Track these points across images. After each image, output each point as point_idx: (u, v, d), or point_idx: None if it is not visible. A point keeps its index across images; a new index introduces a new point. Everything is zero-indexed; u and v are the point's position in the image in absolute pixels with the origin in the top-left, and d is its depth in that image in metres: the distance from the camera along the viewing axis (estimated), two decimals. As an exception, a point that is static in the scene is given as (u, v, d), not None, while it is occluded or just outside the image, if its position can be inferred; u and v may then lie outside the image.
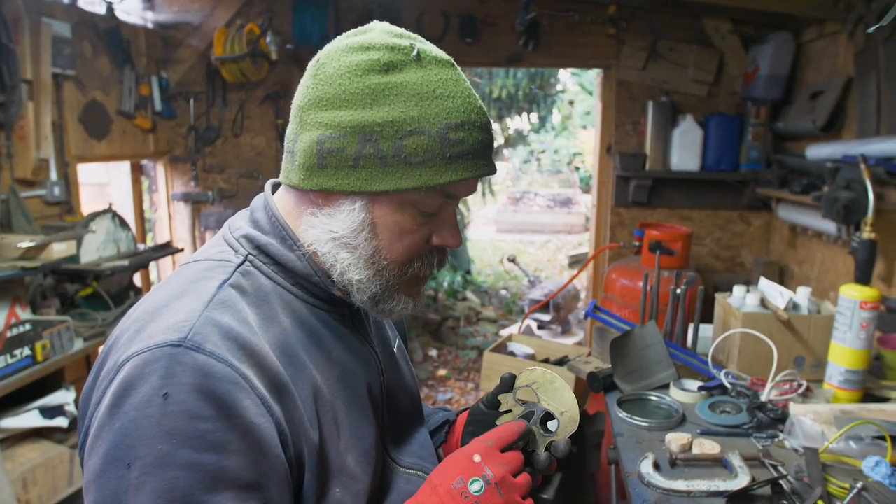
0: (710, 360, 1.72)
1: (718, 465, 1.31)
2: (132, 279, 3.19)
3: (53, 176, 2.88)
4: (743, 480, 1.22)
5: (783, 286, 1.81)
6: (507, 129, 9.07)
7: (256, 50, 3.49)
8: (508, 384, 0.92)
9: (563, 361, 2.57)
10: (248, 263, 0.78)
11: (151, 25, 3.68)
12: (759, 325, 1.69)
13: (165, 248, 3.41)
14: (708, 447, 1.35)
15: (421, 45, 0.75)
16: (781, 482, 1.20)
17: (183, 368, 0.64)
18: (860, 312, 1.50)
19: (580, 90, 11.67)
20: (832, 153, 2.63)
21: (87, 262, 2.76)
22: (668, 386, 1.69)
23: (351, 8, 3.67)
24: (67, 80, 2.94)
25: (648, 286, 2.01)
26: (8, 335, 2.13)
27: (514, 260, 6.58)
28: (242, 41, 3.47)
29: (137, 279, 3.54)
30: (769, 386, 1.56)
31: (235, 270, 0.76)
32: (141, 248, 3.32)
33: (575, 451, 0.86)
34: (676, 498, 1.21)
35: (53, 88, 2.82)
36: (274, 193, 0.85)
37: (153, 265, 3.88)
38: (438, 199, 0.77)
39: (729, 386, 1.64)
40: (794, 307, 1.75)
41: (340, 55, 0.75)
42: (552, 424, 0.89)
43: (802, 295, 1.76)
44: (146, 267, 3.42)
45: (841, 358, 1.54)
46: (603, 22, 3.62)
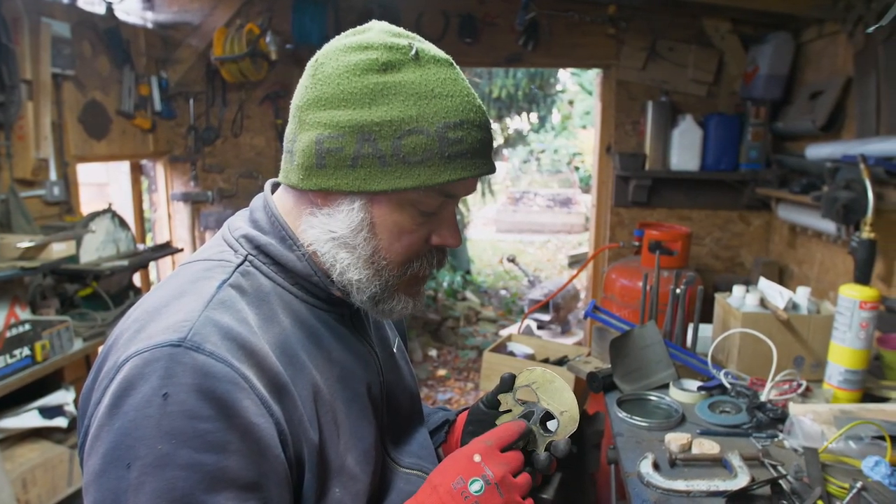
0: (709, 360, 1.72)
1: (718, 465, 1.31)
2: (132, 279, 3.19)
3: (53, 176, 2.88)
4: (742, 480, 1.22)
5: (783, 286, 1.81)
6: (506, 128, 9.06)
7: (256, 50, 3.49)
8: (508, 384, 0.92)
9: (562, 361, 2.57)
10: (247, 263, 0.78)
11: (151, 25, 3.68)
12: (758, 325, 1.69)
13: (165, 248, 3.41)
14: (707, 447, 1.35)
15: (419, 44, 0.75)
16: (781, 482, 1.19)
17: (183, 368, 0.64)
18: (860, 312, 1.50)
19: (580, 90, 11.67)
20: (832, 153, 2.63)
21: (86, 262, 2.76)
22: (667, 386, 1.69)
23: (350, 8, 3.67)
24: (67, 80, 2.94)
25: (648, 286, 2.02)
26: (7, 335, 2.13)
27: (513, 260, 6.57)
28: (242, 41, 3.47)
29: (137, 279, 3.54)
30: (769, 386, 1.56)
31: (235, 270, 0.76)
32: (140, 248, 3.32)
33: (575, 450, 0.86)
34: (676, 498, 1.21)
35: (53, 88, 2.82)
36: (273, 193, 0.85)
37: (153, 265, 3.88)
38: (437, 198, 0.77)
39: (728, 386, 1.64)
40: (793, 307, 1.75)
41: (339, 55, 0.75)
42: (552, 424, 0.89)
43: (802, 295, 1.76)
44: (146, 267, 3.41)
45: (840, 358, 1.54)
46: (602, 22, 3.62)
